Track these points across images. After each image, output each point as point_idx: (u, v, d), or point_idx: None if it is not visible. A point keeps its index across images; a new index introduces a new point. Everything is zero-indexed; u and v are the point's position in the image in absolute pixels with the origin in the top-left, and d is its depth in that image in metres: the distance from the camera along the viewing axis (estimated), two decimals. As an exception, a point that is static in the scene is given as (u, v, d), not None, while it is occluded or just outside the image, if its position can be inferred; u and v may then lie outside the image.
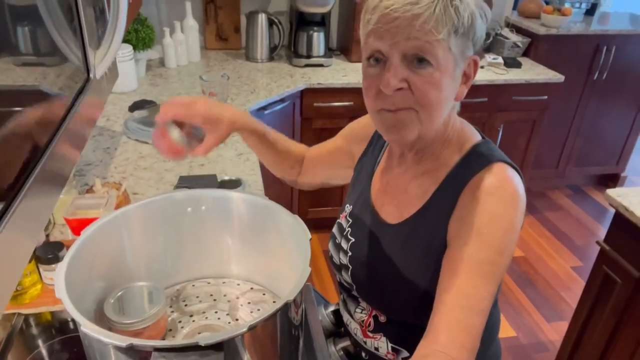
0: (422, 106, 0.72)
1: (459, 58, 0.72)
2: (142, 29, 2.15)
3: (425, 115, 0.73)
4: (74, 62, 0.60)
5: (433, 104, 0.72)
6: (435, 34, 0.67)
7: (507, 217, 0.72)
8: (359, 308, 0.91)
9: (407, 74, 0.70)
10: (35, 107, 0.53)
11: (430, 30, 0.67)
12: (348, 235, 0.91)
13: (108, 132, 1.71)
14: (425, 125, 0.74)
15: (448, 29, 0.67)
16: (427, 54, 0.69)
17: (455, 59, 0.71)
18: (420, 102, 0.71)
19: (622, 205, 1.42)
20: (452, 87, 0.74)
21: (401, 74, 0.70)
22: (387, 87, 0.70)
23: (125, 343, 0.54)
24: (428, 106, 0.72)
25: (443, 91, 0.72)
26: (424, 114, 0.73)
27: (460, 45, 0.70)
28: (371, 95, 0.75)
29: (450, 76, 0.72)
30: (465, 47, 0.71)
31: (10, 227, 0.43)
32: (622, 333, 1.49)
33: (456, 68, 0.72)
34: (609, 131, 3.12)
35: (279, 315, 0.66)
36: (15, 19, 0.50)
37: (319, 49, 2.48)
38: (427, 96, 0.71)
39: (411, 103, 0.72)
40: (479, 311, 0.67)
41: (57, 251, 0.99)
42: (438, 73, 0.70)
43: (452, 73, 0.72)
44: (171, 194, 0.84)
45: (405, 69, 0.70)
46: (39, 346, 0.93)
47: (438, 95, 0.71)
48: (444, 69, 0.70)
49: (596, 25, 2.88)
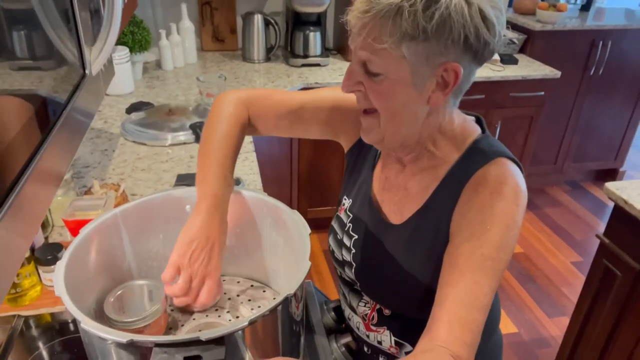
0: (379, 110, 0.74)
1: (421, 64, 0.68)
2: (138, 31, 2.15)
3: (384, 119, 0.75)
4: (70, 59, 0.60)
5: (385, 110, 0.73)
6: (379, 44, 0.67)
7: (509, 213, 0.71)
8: (362, 302, 0.91)
9: (363, 78, 0.73)
10: (31, 108, 0.52)
11: (375, 38, 0.67)
12: (350, 231, 0.91)
13: (106, 134, 1.71)
14: (387, 129, 0.75)
15: (397, 37, 0.66)
16: (371, 63, 0.70)
17: (412, 66, 0.68)
18: (376, 106, 0.74)
19: (621, 198, 1.42)
20: (413, 94, 0.71)
21: (358, 77, 0.73)
22: (342, 87, 0.75)
23: (125, 339, 0.54)
24: (383, 111, 0.74)
25: (396, 99, 0.72)
26: (382, 119, 0.75)
27: (423, 51, 0.67)
28: None
29: (407, 84, 0.70)
30: (432, 52, 0.67)
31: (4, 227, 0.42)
32: (623, 326, 1.49)
33: (414, 75, 0.69)
34: (606, 126, 3.12)
35: (280, 310, 0.66)
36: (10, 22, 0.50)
37: (316, 48, 2.48)
38: (378, 103, 0.73)
39: (370, 105, 0.74)
40: (480, 307, 0.67)
41: (56, 252, 0.99)
42: (388, 81, 0.70)
43: (410, 80, 0.69)
44: (170, 192, 0.84)
45: (363, 74, 0.72)
46: (39, 348, 0.93)
47: (389, 102, 0.72)
48: (396, 77, 0.69)
49: (592, 20, 2.88)
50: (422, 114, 0.75)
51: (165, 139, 1.64)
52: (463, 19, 0.65)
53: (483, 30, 0.66)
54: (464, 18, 0.65)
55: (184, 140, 1.64)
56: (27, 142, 0.49)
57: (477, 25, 0.66)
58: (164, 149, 1.61)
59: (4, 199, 0.43)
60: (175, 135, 1.65)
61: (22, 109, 0.50)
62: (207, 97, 1.95)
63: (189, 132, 1.66)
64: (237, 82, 2.25)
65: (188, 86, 2.18)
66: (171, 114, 1.77)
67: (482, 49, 0.68)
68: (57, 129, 0.54)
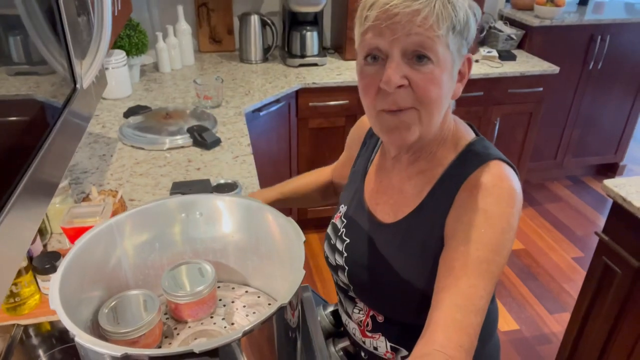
0: (423, 104, 0.71)
1: (456, 55, 0.72)
2: (135, 35, 2.15)
3: (426, 114, 0.72)
4: (60, 73, 0.60)
5: (434, 101, 0.71)
6: (436, 30, 0.67)
7: (504, 216, 0.72)
8: (356, 308, 0.91)
9: (407, 70, 0.69)
10: (25, 117, 0.53)
11: (431, 26, 0.67)
12: (343, 235, 0.91)
13: (103, 139, 1.71)
14: (426, 124, 0.74)
15: (447, 25, 0.68)
16: (428, 50, 0.68)
17: (452, 56, 0.71)
18: (421, 100, 0.71)
19: (619, 195, 1.42)
20: (450, 85, 0.74)
21: (402, 70, 0.69)
22: (388, 83, 0.69)
23: (120, 353, 0.54)
24: (429, 104, 0.71)
25: (443, 88, 0.71)
26: (425, 113, 0.72)
27: (457, 42, 0.71)
28: (371, 95, 0.73)
29: (449, 73, 0.72)
30: (461, 44, 0.72)
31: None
32: (623, 323, 1.49)
33: (454, 66, 0.72)
34: (606, 121, 3.11)
35: (275, 319, 0.66)
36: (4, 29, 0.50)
37: (313, 48, 2.48)
38: (428, 93, 0.70)
39: (412, 101, 0.71)
40: (477, 310, 0.67)
41: (54, 261, 0.99)
42: (438, 70, 0.70)
43: (451, 70, 0.72)
44: (165, 201, 0.84)
45: (405, 66, 0.69)
46: (39, 356, 0.93)
47: (439, 92, 0.71)
48: (443, 66, 0.70)
49: (590, 15, 2.87)
50: (447, 108, 0.78)
51: (163, 143, 1.64)
52: (471, 13, 0.72)
53: (474, 20, 0.73)
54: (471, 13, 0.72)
55: (181, 143, 1.65)
56: (19, 155, 0.50)
57: (474, 18, 0.72)
58: (162, 152, 1.61)
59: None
60: (173, 139, 1.65)
61: (16, 121, 0.50)
62: (204, 99, 1.95)
63: (186, 135, 1.67)
64: (235, 83, 2.25)
65: (186, 88, 2.18)
66: (169, 117, 1.77)
67: (471, 40, 0.74)
68: (47, 146, 0.54)
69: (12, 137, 0.49)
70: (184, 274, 0.82)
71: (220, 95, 1.99)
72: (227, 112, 1.93)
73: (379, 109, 0.73)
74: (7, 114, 0.51)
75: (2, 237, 0.44)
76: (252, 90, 2.17)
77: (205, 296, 0.80)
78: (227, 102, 2.04)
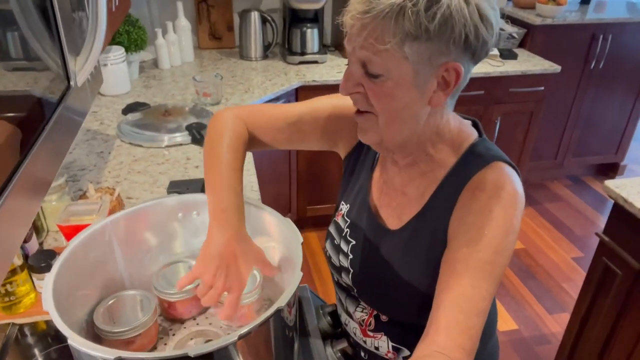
0: (379, 112, 0.72)
1: (423, 64, 0.67)
2: (134, 31, 2.14)
3: (382, 121, 0.73)
4: (54, 70, 0.59)
5: (386, 111, 0.72)
6: (382, 45, 0.65)
7: (507, 218, 0.71)
8: (359, 307, 0.90)
9: (363, 79, 0.71)
10: (19, 113, 0.52)
11: (376, 40, 0.66)
12: (347, 236, 0.90)
13: (101, 135, 1.70)
14: (385, 131, 0.74)
15: (400, 37, 0.64)
16: (372, 64, 0.68)
17: (414, 67, 0.67)
18: (376, 108, 0.72)
19: (620, 196, 1.41)
20: (414, 95, 0.70)
21: (357, 79, 0.71)
22: (341, 89, 0.73)
23: (113, 356, 0.53)
24: (383, 113, 0.72)
25: (397, 100, 0.70)
26: (381, 120, 0.73)
27: (425, 51, 0.66)
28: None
29: (409, 84, 0.69)
30: (434, 52, 0.66)
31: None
32: (623, 324, 1.48)
33: (416, 76, 0.68)
34: (607, 120, 3.10)
35: (272, 321, 0.65)
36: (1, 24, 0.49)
37: (313, 45, 2.46)
38: (379, 104, 0.71)
39: (369, 107, 0.72)
40: (478, 312, 0.66)
41: (50, 259, 0.98)
42: (390, 82, 0.69)
43: (412, 81, 0.68)
44: (161, 200, 0.83)
45: (363, 75, 0.70)
46: (35, 355, 0.92)
47: (390, 104, 0.71)
48: (397, 78, 0.68)
49: (592, 14, 2.85)
50: (423, 115, 0.75)
51: (161, 140, 1.63)
52: (464, 18, 0.64)
53: (482, 29, 0.66)
54: (464, 17, 0.64)
55: (180, 141, 1.64)
56: (12, 152, 0.49)
57: (477, 25, 0.65)
58: (161, 150, 1.60)
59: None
60: (171, 136, 1.64)
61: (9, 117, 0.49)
62: (203, 96, 1.94)
63: (185, 133, 1.65)
64: (235, 80, 2.24)
65: (185, 85, 2.16)
66: (168, 114, 1.76)
67: (480, 48, 0.68)
68: (39, 144, 0.53)
69: (5, 132, 0.48)
70: (175, 272, 0.81)
71: (220, 92, 1.98)
72: (226, 110, 1.92)
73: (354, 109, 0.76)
74: (2, 109, 0.50)
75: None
76: (252, 88, 2.16)
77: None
78: (226, 99, 2.03)
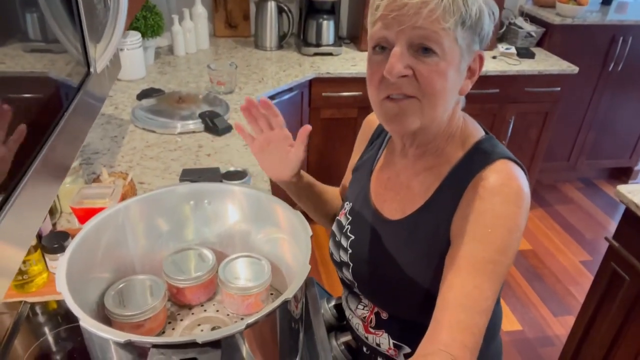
0: (426, 95, 0.71)
1: (465, 51, 0.71)
2: (151, 16, 2.14)
3: (428, 105, 0.72)
4: (74, 56, 0.60)
5: (437, 92, 0.71)
6: (442, 23, 0.67)
7: (511, 216, 0.71)
8: (360, 304, 0.91)
9: (412, 61, 0.69)
10: (39, 95, 0.53)
11: (437, 18, 0.66)
12: (347, 232, 0.91)
13: (116, 120, 1.72)
14: (427, 115, 0.73)
15: (455, 19, 0.67)
16: (432, 43, 0.68)
17: (461, 51, 0.70)
18: (424, 91, 0.70)
19: (633, 202, 1.40)
20: (457, 79, 0.73)
21: (406, 60, 0.69)
22: (391, 71, 0.69)
23: (123, 339, 0.55)
24: (432, 95, 0.71)
25: (448, 81, 0.71)
26: (427, 103, 0.72)
27: (467, 38, 0.70)
28: (374, 83, 0.74)
29: (456, 68, 0.71)
30: (471, 40, 0.71)
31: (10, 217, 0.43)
32: (629, 330, 1.47)
33: (462, 60, 0.71)
34: (622, 124, 3.06)
35: (279, 312, 0.66)
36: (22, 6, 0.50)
37: (329, 37, 2.45)
38: (431, 84, 0.70)
39: (415, 91, 0.71)
40: (482, 311, 0.67)
41: (63, 241, 1.00)
42: (444, 63, 0.69)
43: (458, 65, 0.71)
44: (174, 188, 0.84)
45: (410, 57, 0.69)
46: (45, 334, 0.94)
47: (443, 84, 0.71)
48: (450, 60, 0.70)
49: (613, 15, 2.81)
50: (453, 104, 0.76)
51: (174, 127, 1.64)
52: (486, 11, 0.71)
53: (491, 19, 0.72)
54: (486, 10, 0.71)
55: (193, 129, 1.65)
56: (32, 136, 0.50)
57: (490, 15, 0.72)
58: (173, 137, 1.62)
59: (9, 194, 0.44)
60: (184, 123, 1.65)
61: (30, 100, 0.50)
62: (217, 85, 1.95)
63: (198, 120, 1.66)
64: (249, 69, 2.24)
65: (199, 73, 2.17)
66: (181, 101, 1.77)
67: (486, 38, 0.74)
68: (59, 130, 0.54)
69: (27, 114, 0.49)
70: (185, 259, 0.83)
71: (234, 81, 1.98)
72: (239, 99, 1.93)
73: (383, 97, 0.73)
74: (22, 91, 0.50)
75: (15, 215, 0.44)
76: (266, 78, 2.16)
77: (205, 281, 0.81)
78: (240, 88, 2.03)
